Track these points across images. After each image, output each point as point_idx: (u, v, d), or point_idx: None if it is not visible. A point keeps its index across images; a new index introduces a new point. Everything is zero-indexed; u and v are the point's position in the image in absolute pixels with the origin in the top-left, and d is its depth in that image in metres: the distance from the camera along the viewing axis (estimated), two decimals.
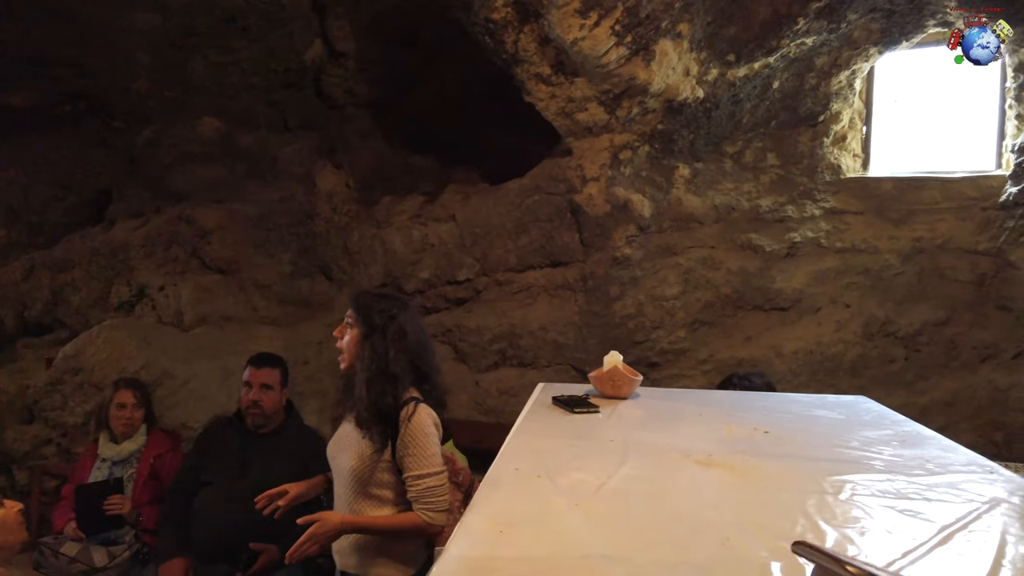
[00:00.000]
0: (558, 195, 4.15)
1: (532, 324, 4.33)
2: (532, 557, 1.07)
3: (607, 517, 1.25)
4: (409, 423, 2.15)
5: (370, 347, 2.23)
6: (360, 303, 2.31)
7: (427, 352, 2.30)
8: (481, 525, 1.18)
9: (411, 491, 2.15)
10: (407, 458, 2.15)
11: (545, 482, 1.41)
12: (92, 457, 3.35)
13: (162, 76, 3.98)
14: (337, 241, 4.85)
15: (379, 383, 2.19)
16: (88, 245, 4.72)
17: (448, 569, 1.02)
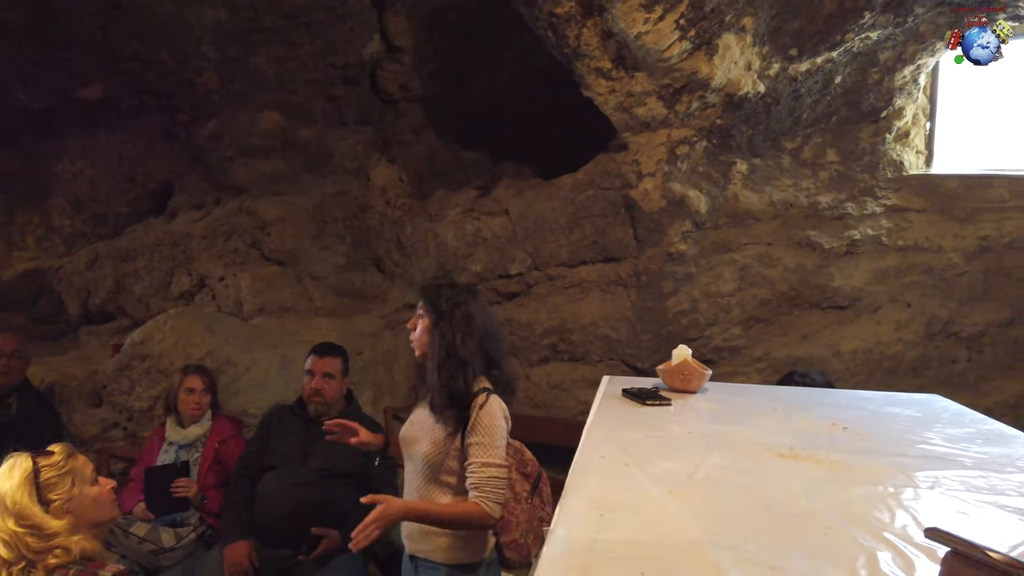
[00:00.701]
0: (612, 190, 4.15)
1: (583, 319, 4.34)
2: (638, 540, 1.09)
3: (704, 505, 1.26)
4: (480, 412, 2.18)
5: (439, 334, 2.28)
6: (428, 292, 2.36)
7: (495, 338, 2.33)
8: (581, 509, 1.20)
9: (472, 478, 2.17)
10: (473, 446, 2.18)
11: (634, 470, 1.43)
12: (159, 440, 3.45)
13: (226, 70, 4.08)
14: (390, 234, 4.91)
15: (448, 367, 2.23)
16: (151, 236, 4.85)
17: (558, 550, 1.04)
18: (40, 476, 1.79)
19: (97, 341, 5.01)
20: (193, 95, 4.23)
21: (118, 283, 4.96)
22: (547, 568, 0.99)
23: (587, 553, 1.04)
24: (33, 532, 1.73)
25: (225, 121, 4.38)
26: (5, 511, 1.73)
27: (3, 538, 1.72)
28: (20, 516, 1.73)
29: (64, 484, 1.82)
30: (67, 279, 5.14)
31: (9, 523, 1.72)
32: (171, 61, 3.93)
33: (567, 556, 1.02)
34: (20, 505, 1.74)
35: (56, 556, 1.74)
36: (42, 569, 1.72)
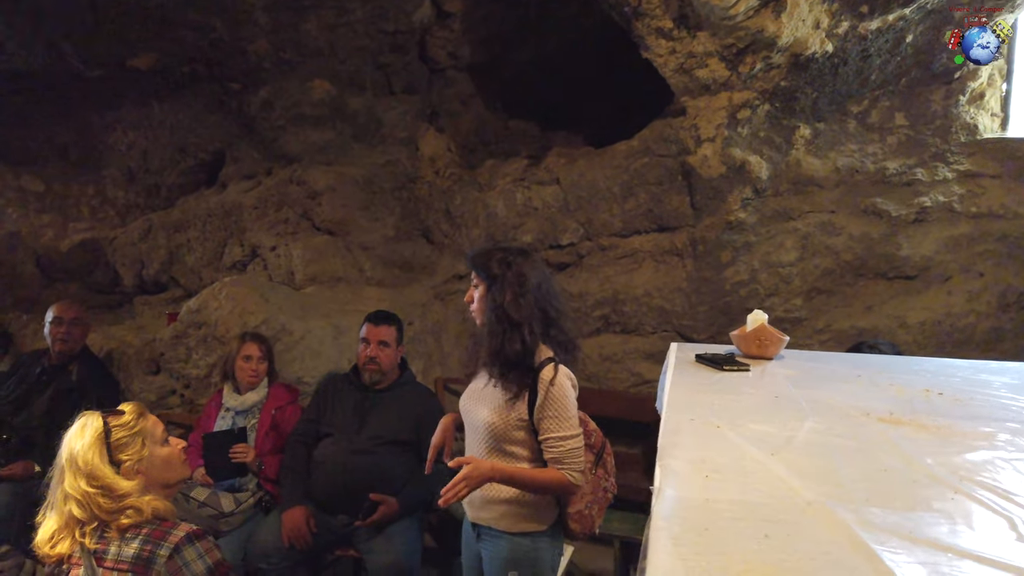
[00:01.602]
0: (669, 157, 4.04)
1: (637, 290, 4.25)
2: (753, 501, 1.03)
3: (813, 468, 1.19)
4: (551, 386, 2.13)
5: (491, 298, 2.22)
6: (478, 259, 2.29)
7: (552, 296, 2.25)
8: (685, 470, 1.14)
9: (551, 452, 2.14)
10: (547, 420, 2.14)
11: (728, 433, 1.36)
12: (217, 407, 3.47)
13: (277, 38, 4.04)
14: (439, 205, 4.86)
15: (502, 330, 2.18)
16: (203, 206, 4.87)
17: (670, 509, 0.99)
18: (111, 436, 1.78)
19: (151, 311, 5.07)
20: (245, 63, 4.20)
21: (171, 254, 5.00)
22: (663, 528, 0.93)
23: (702, 513, 0.98)
24: (104, 492, 1.72)
25: (276, 90, 4.35)
26: (77, 471, 1.73)
27: (76, 498, 1.72)
28: (92, 476, 1.72)
29: (135, 444, 1.81)
30: (121, 250, 5.20)
31: (81, 483, 1.72)
32: (223, 28, 3.90)
33: (682, 516, 0.97)
34: (91, 465, 1.73)
35: (128, 516, 1.73)
36: (115, 529, 1.72)
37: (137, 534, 1.72)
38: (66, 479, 1.73)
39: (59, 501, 1.74)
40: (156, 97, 4.74)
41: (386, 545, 3.00)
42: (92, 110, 4.99)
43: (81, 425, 1.81)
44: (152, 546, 1.70)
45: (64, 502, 1.73)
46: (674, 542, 0.89)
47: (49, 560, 1.73)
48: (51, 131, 5.19)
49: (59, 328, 3.67)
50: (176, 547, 1.70)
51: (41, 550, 1.74)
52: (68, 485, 1.72)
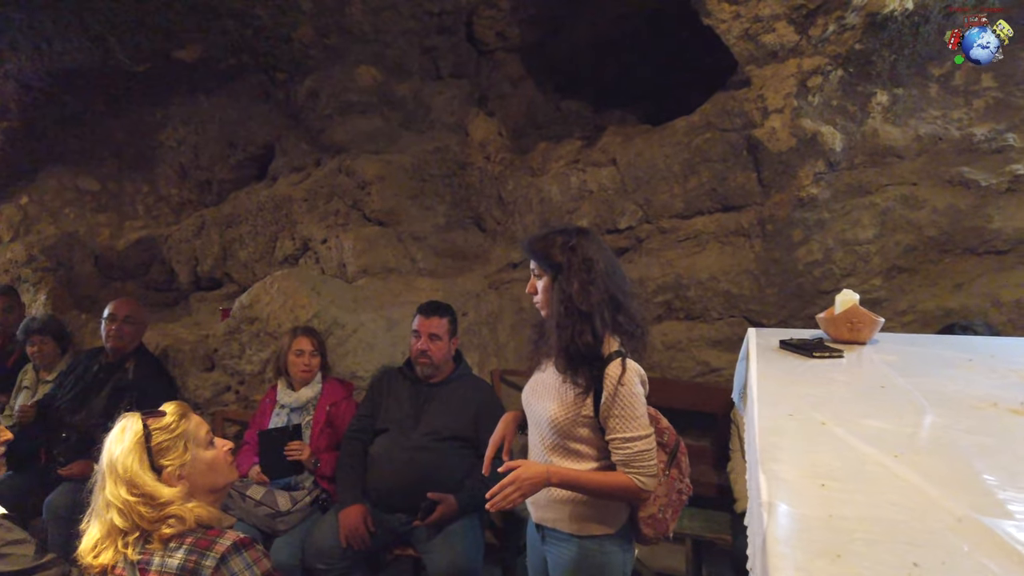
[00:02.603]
0: (733, 131, 3.80)
1: (701, 274, 4.03)
2: (888, 519, 0.85)
3: (950, 472, 0.99)
4: (620, 384, 1.97)
5: (559, 288, 2.05)
6: (536, 246, 2.12)
7: (619, 277, 2.09)
8: (795, 479, 0.96)
9: (618, 454, 1.99)
10: (613, 419, 1.98)
11: (836, 430, 1.17)
12: (271, 403, 3.40)
13: (322, 23, 3.94)
14: (491, 191, 4.72)
15: (572, 323, 2.02)
16: (254, 201, 4.83)
17: (787, 530, 0.81)
18: (151, 440, 1.68)
19: (207, 307, 5.07)
20: (290, 52, 4.12)
21: (224, 249, 4.98)
22: (785, 556, 0.75)
23: (828, 535, 0.80)
24: (145, 501, 1.62)
25: (322, 78, 4.26)
26: (118, 479, 1.63)
27: (117, 506, 1.63)
28: (132, 484, 1.62)
29: (176, 449, 1.70)
30: (176, 247, 5.21)
31: (122, 491, 1.62)
32: (266, 16, 3.81)
33: (804, 540, 0.79)
34: (131, 472, 1.63)
35: (170, 526, 1.63)
36: (157, 540, 1.62)
37: (181, 544, 1.62)
38: (107, 486, 1.64)
39: (101, 508, 1.65)
40: (204, 91, 4.71)
41: (446, 545, 2.89)
42: (143, 107, 5.00)
43: (121, 428, 1.71)
44: (197, 556, 1.59)
45: (106, 510, 1.64)
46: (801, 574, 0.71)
47: (92, 571, 1.64)
48: (104, 130, 5.22)
49: (111, 325, 3.65)
50: (223, 557, 1.59)
51: (84, 560, 1.65)
52: (109, 492, 1.63)
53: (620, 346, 2.04)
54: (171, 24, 3.87)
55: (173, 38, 4.00)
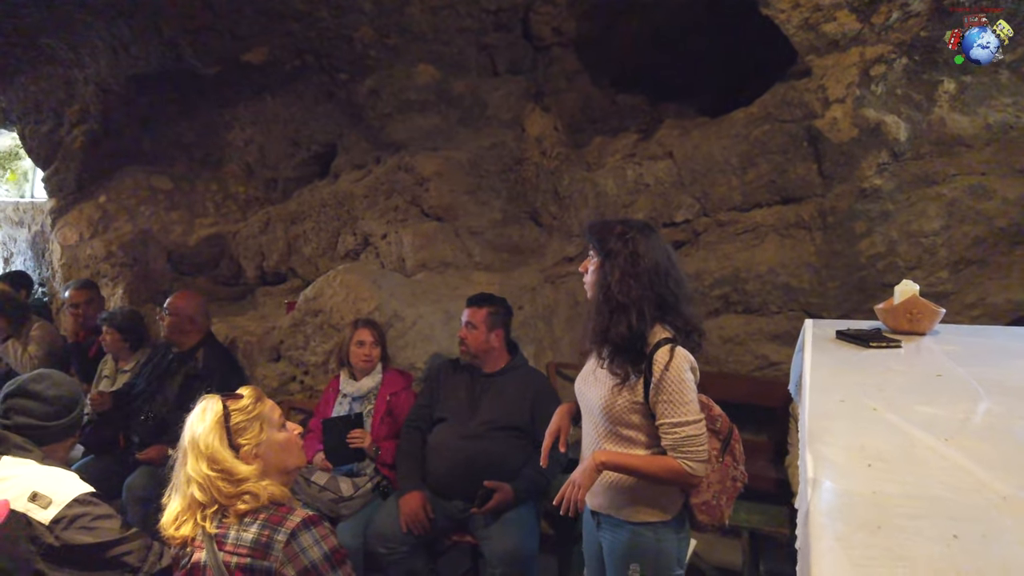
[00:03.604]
0: (793, 122, 3.75)
1: (759, 267, 3.99)
2: (932, 496, 0.86)
3: (1000, 456, 0.99)
4: (667, 370, 1.98)
5: (602, 274, 2.09)
6: (596, 230, 2.16)
7: (669, 278, 2.08)
8: (842, 458, 0.98)
9: (667, 439, 2.01)
10: (661, 404, 2.00)
11: (888, 416, 1.18)
12: (334, 393, 3.52)
13: (382, 23, 4.04)
14: (547, 186, 4.75)
15: (608, 311, 2.05)
16: (317, 198, 4.98)
17: (832, 504, 0.83)
18: (230, 420, 1.78)
19: (272, 301, 5.25)
20: (351, 52, 4.23)
21: (289, 245, 5.15)
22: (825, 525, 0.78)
23: (871, 509, 0.82)
24: (224, 476, 1.72)
25: (382, 77, 4.36)
26: (199, 455, 1.74)
27: (198, 481, 1.72)
28: (212, 460, 1.72)
29: (253, 429, 1.80)
30: (243, 243, 5.41)
31: (203, 467, 1.72)
32: (329, 17, 3.94)
33: (847, 512, 0.81)
34: (212, 449, 1.73)
35: (245, 502, 1.72)
36: (233, 515, 1.72)
37: (255, 519, 1.71)
38: (188, 462, 1.74)
39: (182, 484, 1.76)
40: (269, 92, 4.88)
41: (503, 532, 2.94)
42: (212, 108, 5.21)
43: (202, 409, 1.82)
44: (270, 531, 1.68)
45: (187, 485, 1.74)
46: (841, 543, 0.73)
47: (173, 542, 1.75)
48: (176, 131, 5.46)
49: (165, 318, 3.83)
50: (293, 532, 1.68)
51: (166, 531, 1.76)
52: (190, 468, 1.73)
53: (673, 335, 2.06)
54: (240, 28, 4.04)
55: (242, 42, 4.16)
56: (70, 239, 5.58)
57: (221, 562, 1.68)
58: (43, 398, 2.16)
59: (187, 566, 1.75)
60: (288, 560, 1.66)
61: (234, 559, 1.68)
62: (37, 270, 6.43)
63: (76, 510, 1.92)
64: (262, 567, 1.66)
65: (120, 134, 5.42)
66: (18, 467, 2.02)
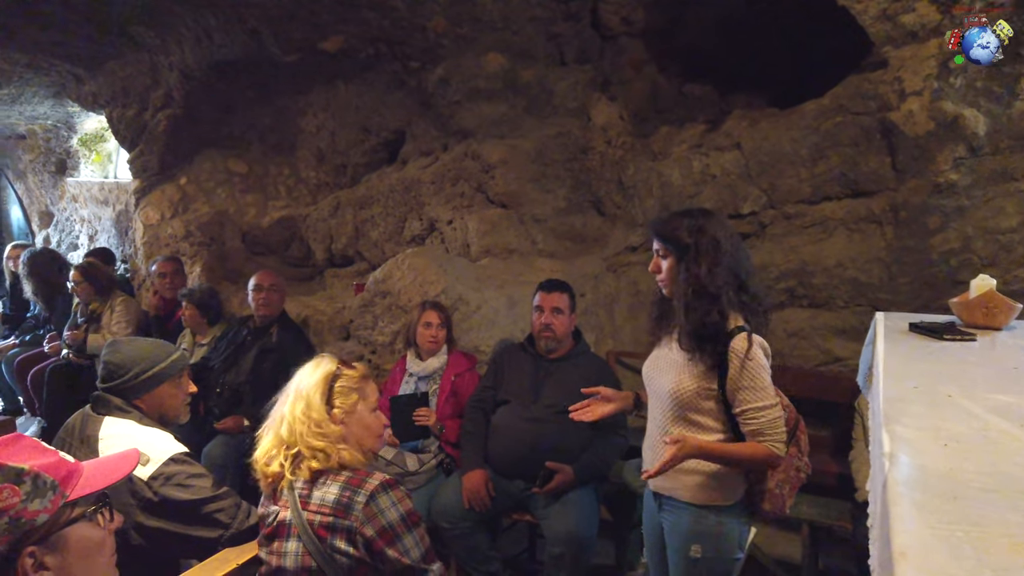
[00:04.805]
0: (866, 115, 3.69)
1: (827, 260, 3.95)
2: (1007, 473, 0.89)
3: None
4: (747, 358, 2.02)
5: (685, 269, 2.11)
6: (662, 228, 2.19)
7: (742, 256, 2.14)
8: (918, 438, 1.01)
9: (751, 424, 2.04)
10: (742, 391, 2.03)
11: (963, 402, 1.20)
12: (401, 372, 3.64)
13: (454, 12, 4.12)
14: (611, 175, 4.78)
15: (699, 305, 2.07)
16: (385, 183, 5.11)
17: (910, 477, 0.87)
18: (336, 380, 1.91)
19: (340, 283, 5.42)
20: (423, 41, 4.33)
21: (357, 229, 5.30)
22: (904, 495, 0.82)
23: (947, 482, 0.86)
24: (311, 424, 1.85)
25: (452, 65, 4.45)
26: (299, 398, 1.89)
27: (288, 421, 1.87)
28: (308, 406, 1.86)
29: (350, 397, 1.93)
30: (313, 226, 5.59)
31: (298, 409, 1.87)
32: (404, 7, 4.03)
33: (924, 483, 0.85)
34: (311, 397, 1.87)
35: (318, 460, 1.83)
36: (305, 468, 1.82)
37: (337, 481, 1.82)
38: (288, 402, 1.90)
39: (276, 422, 1.90)
40: (342, 79, 5.02)
41: (563, 513, 3.01)
42: (286, 95, 5.38)
43: (316, 363, 1.97)
44: (351, 492, 1.79)
45: (280, 423, 1.88)
46: (919, 509, 0.78)
47: (265, 480, 1.89)
48: (253, 116, 5.66)
49: (259, 294, 4.01)
50: (372, 494, 1.79)
51: (258, 466, 1.90)
52: (287, 407, 1.88)
53: (744, 322, 2.09)
54: (318, 17, 4.17)
55: (319, 30, 4.30)
56: (152, 218, 5.85)
57: (305, 520, 1.79)
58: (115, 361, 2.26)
59: (273, 524, 1.87)
60: (367, 520, 1.76)
61: (317, 518, 1.79)
62: (120, 247, 6.76)
63: (172, 468, 2.06)
64: (343, 526, 1.77)
65: (201, 119, 5.65)
66: (119, 426, 2.17)
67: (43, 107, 6.97)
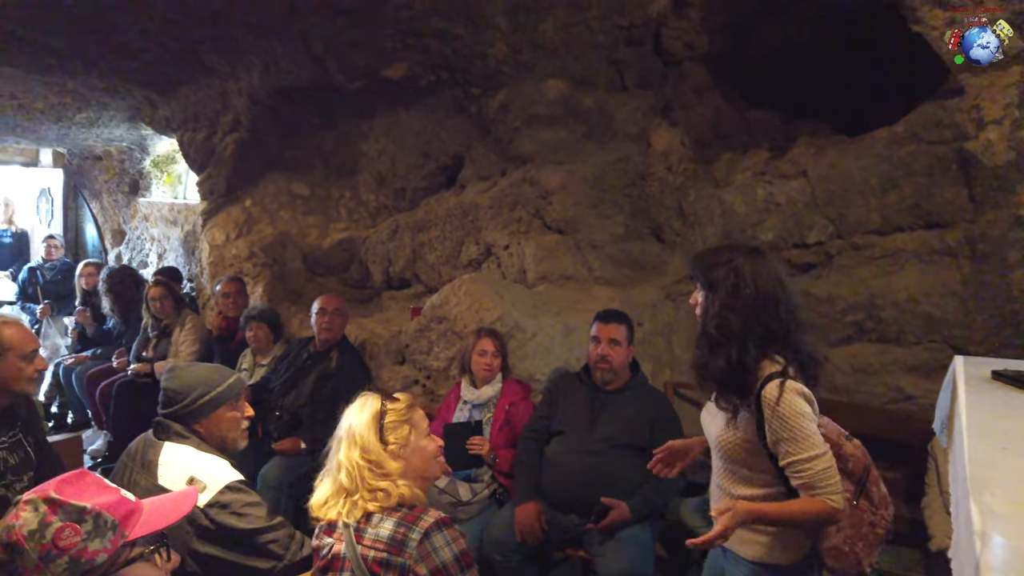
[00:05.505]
0: (941, 144, 3.55)
1: (898, 294, 3.79)
2: None
3: None
4: (778, 406, 1.89)
5: (704, 306, 2.05)
6: (698, 259, 2.14)
7: (780, 307, 1.98)
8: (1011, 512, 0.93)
9: (799, 478, 1.90)
10: (783, 443, 1.91)
11: None
12: (455, 399, 3.62)
13: (516, 40, 4.13)
14: (671, 202, 4.71)
15: (708, 344, 2.01)
16: (443, 207, 5.14)
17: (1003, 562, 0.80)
18: (384, 418, 1.91)
19: (397, 305, 5.46)
20: (484, 68, 4.36)
21: (414, 252, 5.34)
22: None
23: None
24: (372, 467, 1.85)
25: (513, 91, 4.46)
26: (354, 443, 1.87)
27: (347, 467, 1.86)
28: (365, 450, 1.85)
29: (403, 430, 1.92)
30: (372, 248, 5.66)
31: (355, 454, 1.86)
32: (466, 35, 4.07)
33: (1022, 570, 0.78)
34: (366, 440, 1.87)
35: (378, 498, 1.82)
36: (370, 506, 1.82)
37: (392, 516, 1.81)
38: (342, 449, 1.89)
39: (333, 469, 1.90)
40: (404, 105, 5.09)
41: (617, 550, 2.94)
42: (349, 120, 5.49)
43: (361, 403, 1.96)
44: (405, 529, 1.77)
45: (337, 470, 1.88)
46: None
47: (319, 523, 1.89)
48: (316, 141, 5.79)
49: (323, 317, 4.06)
50: (426, 532, 1.77)
51: (315, 512, 1.90)
52: (343, 455, 1.87)
53: (784, 366, 1.96)
54: (382, 45, 4.24)
55: (382, 58, 4.38)
56: (218, 239, 6.01)
57: (359, 555, 1.78)
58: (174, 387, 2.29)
59: (327, 556, 1.86)
60: (421, 558, 1.74)
61: (371, 553, 1.78)
62: (187, 266, 6.97)
63: (228, 496, 2.08)
64: (397, 563, 1.75)
65: (266, 142, 5.80)
66: (177, 452, 2.20)
67: (119, 130, 7.28)
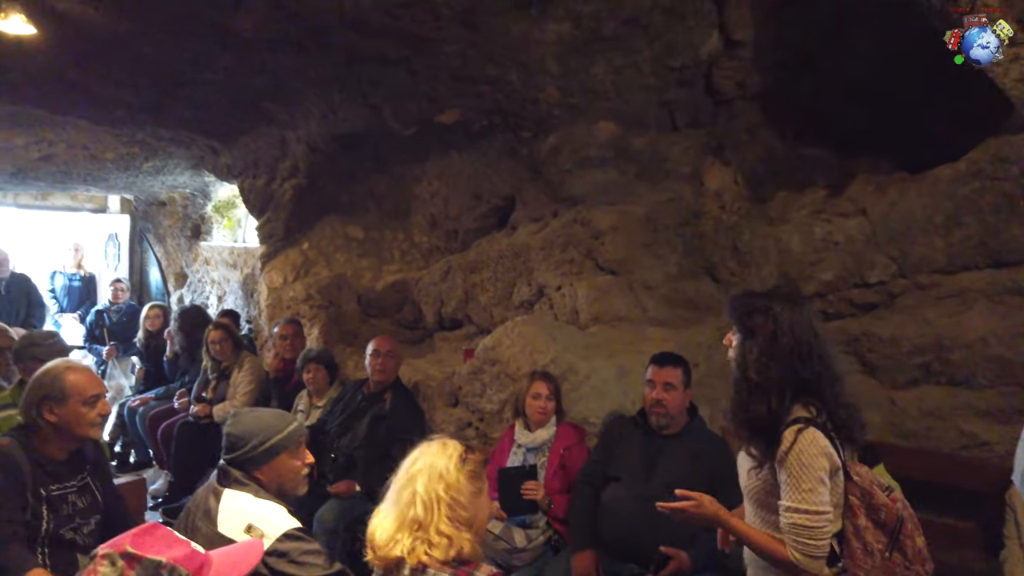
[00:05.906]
0: (1007, 180, 3.45)
1: (967, 335, 3.64)
2: None
3: None
4: (788, 452, 1.93)
5: (740, 352, 2.07)
6: (735, 305, 2.16)
7: (813, 357, 2.00)
8: None
9: (781, 521, 1.96)
10: (782, 486, 1.97)
11: None
12: (509, 442, 3.61)
13: (566, 83, 4.18)
14: (725, 241, 4.65)
15: (744, 391, 2.03)
16: (495, 248, 5.18)
17: None
18: (466, 464, 1.89)
19: (449, 346, 5.49)
20: (536, 111, 4.41)
21: (466, 293, 5.38)
22: None
23: None
24: (453, 505, 1.82)
25: (564, 134, 4.50)
26: (438, 478, 1.83)
27: (425, 500, 1.81)
28: (450, 486, 1.82)
29: (476, 483, 1.91)
30: (424, 289, 5.72)
31: (439, 488, 1.82)
32: (518, 80, 4.13)
33: None
34: (453, 477, 1.84)
35: (439, 547, 1.79)
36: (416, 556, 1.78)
37: (445, 570, 1.78)
38: (420, 481, 1.83)
39: (404, 503, 1.84)
40: (456, 148, 5.18)
41: None
42: (403, 164, 5.61)
43: (442, 443, 1.94)
44: None
45: (409, 505, 1.83)
46: None
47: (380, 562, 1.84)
48: (370, 185, 5.93)
49: (377, 359, 4.11)
50: None
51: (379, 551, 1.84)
52: (421, 486, 1.82)
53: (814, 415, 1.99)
54: (436, 92, 4.34)
55: (436, 104, 4.47)
56: (276, 282, 6.16)
57: None
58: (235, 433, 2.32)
59: None
60: None
61: None
62: (246, 308, 7.15)
63: (286, 545, 2.09)
64: None
65: (323, 187, 5.96)
66: (236, 499, 2.22)
67: (183, 177, 7.58)
